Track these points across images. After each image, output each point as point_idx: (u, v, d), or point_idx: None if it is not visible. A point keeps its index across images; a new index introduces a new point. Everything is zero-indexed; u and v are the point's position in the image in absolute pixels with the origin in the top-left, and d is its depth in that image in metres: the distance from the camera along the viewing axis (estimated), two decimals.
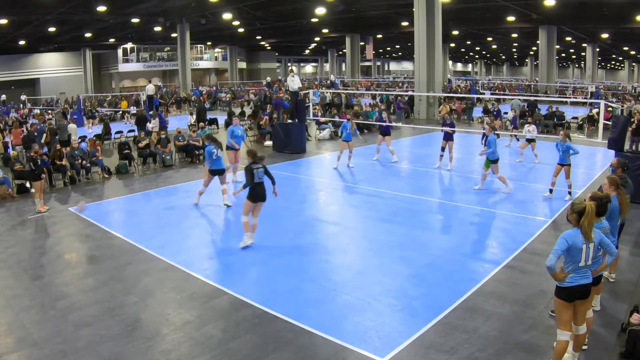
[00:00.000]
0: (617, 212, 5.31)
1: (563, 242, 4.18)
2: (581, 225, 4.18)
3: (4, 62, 39.89)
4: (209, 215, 9.68)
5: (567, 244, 4.17)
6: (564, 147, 9.83)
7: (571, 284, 4.25)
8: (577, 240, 4.17)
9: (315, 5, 29.23)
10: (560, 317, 4.38)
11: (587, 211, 4.16)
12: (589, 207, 4.18)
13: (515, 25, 33.59)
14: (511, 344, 4.97)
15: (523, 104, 22.55)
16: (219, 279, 6.59)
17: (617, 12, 27.48)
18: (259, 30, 41.97)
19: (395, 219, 9.15)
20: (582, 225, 4.17)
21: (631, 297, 5.85)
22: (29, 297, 6.23)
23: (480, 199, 10.33)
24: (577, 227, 4.22)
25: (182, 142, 15.07)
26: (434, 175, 12.74)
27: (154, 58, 49.75)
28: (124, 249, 7.82)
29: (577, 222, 4.21)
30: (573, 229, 4.25)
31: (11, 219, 9.78)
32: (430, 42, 23.46)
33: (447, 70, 52.12)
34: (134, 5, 28.24)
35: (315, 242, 8.04)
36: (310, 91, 20.85)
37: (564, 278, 4.25)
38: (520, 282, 6.41)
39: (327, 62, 64.25)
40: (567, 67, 76.50)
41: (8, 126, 19.40)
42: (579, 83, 41.84)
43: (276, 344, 5.04)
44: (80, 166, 12.81)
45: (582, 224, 4.17)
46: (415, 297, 6.00)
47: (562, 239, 4.21)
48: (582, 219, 4.16)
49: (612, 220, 5.23)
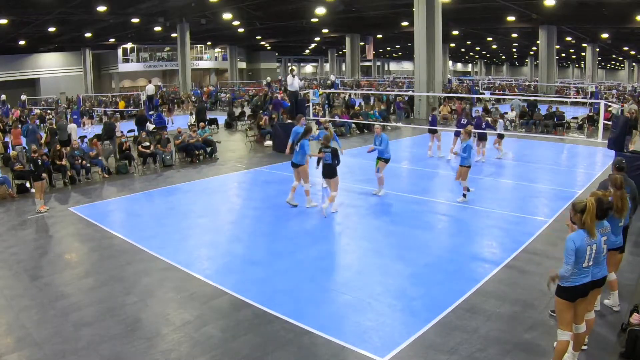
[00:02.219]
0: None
1: (572, 246, 4.17)
2: (584, 221, 4.20)
3: (4, 62, 39.85)
4: (209, 215, 9.68)
5: (575, 246, 4.17)
6: (463, 146, 9.80)
7: (573, 284, 4.26)
8: (584, 241, 4.20)
9: (315, 5, 29.20)
10: (562, 317, 4.37)
11: (588, 207, 4.19)
12: (590, 203, 4.21)
13: (515, 25, 33.57)
14: (511, 344, 4.97)
15: (523, 104, 22.55)
16: (219, 279, 6.59)
17: (617, 12, 27.45)
18: (259, 30, 41.95)
19: (396, 218, 9.16)
20: (584, 221, 4.19)
21: (631, 297, 5.84)
22: (29, 297, 6.24)
23: (480, 199, 10.32)
24: (582, 227, 4.23)
25: (180, 140, 15.06)
26: (434, 175, 12.74)
27: (154, 58, 49.70)
28: (123, 249, 7.82)
29: (581, 222, 4.23)
30: (577, 231, 4.26)
31: (11, 219, 9.79)
32: (430, 42, 23.45)
33: (447, 70, 52.10)
34: (134, 5, 28.21)
35: (315, 242, 8.04)
36: (310, 91, 20.83)
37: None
38: (520, 282, 6.41)
39: (327, 62, 64.22)
40: (567, 67, 76.47)
41: (8, 126, 19.40)
42: (578, 83, 41.82)
43: (276, 344, 5.04)
44: (80, 166, 12.81)
45: (584, 220, 4.19)
46: (415, 297, 6.00)
47: (570, 242, 4.19)
48: (585, 215, 4.18)
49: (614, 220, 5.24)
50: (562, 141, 18.11)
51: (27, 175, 11.31)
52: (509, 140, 17.38)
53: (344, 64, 52.42)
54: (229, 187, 12.31)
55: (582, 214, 4.21)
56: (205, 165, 14.60)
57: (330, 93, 25.74)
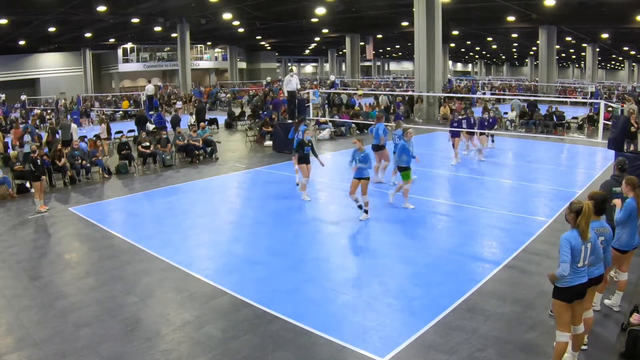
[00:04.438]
0: (636, 213, 5.35)
1: (566, 245, 4.19)
2: (578, 224, 4.21)
3: (4, 62, 39.87)
4: (209, 215, 9.68)
5: (571, 244, 4.19)
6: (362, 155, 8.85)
7: (570, 285, 4.26)
8: (577, 240, 4.21)
9: (315, 5, 29.21)
10: (560, 319, 4.38)
11: (584, 211, 4.20)
12: (587, 206, 4.22)
13: (515, 25, 33.56)
14: (511, 344, 4.97)
15: (523, 104, 22.55)
16: (219, 279, 6.59)
17: (617, 12, 27.45)
18: (259, 30, 41.95)
19: (396, 218, 9.15)
20: (579, 224, 4.21)
21: (631, 297, 5.84)
22: (29, 297, 6.24)
23: (480, 199, 10.32)
24: (575, 227, 4.25)
25: (182, 142, 15.08)
26: (434, 175, 12.73)
27: (154, 58, 49.70)
28: (123, 249, 7.82)
29: (575, 222, 4.24)
30: (571, 230, 4.28)
31: (11, 219, 9.79)
32: (430, 42, 23.43)
33: (447, 70, 52.08)
34: (134, 5, 28.22)
35: (315, 242, 8.04)
36: (310, 91, 20.82)
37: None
38: (520, 282, 6.41)
39: (327, 62, 64.23)
40: (567, 67, 76.46)
41: (8, 126, 19.40)
42: (578, 83, 41.82)
43: (276, 344, 5.04)
44: (80, 166, 12.81)
45: (579, 222, 4.21)
46: (415, 297, 6.00)
47: (565, 241, 4.21)
48: (580, 218, 4.20)
49: (633, 221, 5.29)
50: (562, 141, 18.10)
51: (27, 175, 11.31)
52: (509, 140, 17.40)
53: (344, 64, 52.42)
54: (229, 187, 12.31)
55: (577, 214, 4.22)
56: (205, 165, 14.60)
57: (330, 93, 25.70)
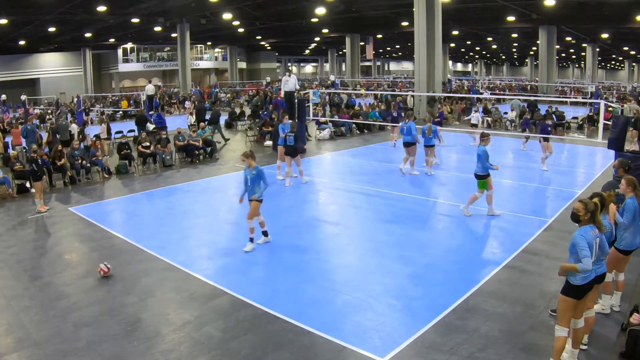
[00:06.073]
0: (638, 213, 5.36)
1: (582, 240, 4.28)
2: (596, 221, 4.38)
3: (4, 62, 39.87)
4: (209, 215, 9.68)
5: (586, 239, 4.30)
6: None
7: (585, 282, 4.33)
8: (590, 236, 4.32)
9: (315, 5, 29.22)
10: (564, 315, 4.42)
11: (598, 207, 4.42)
12: (598, 201, 4.48)
13: (515, 25, 33.57)
14: (511, 344, 4.96)
15: (523, 104, 22.55)
16: (219, 279, 6.59)
17: (617, 12, 27.47)
18: (259, 30, 41.96)
19: (396, 218, 9.15)
20: (597, 221, 4.38)
21: (631, 297, 5.84)
22: (29, 297, 6.24)
23: (480, 199, 10.29)
24: (588, 224, 4.37)
25: (182, 142, 15.07)
26: (434, 175, 12.72)
27: (154, 58, 49.70)
28: (123, 249, 7.82)
29: (590, 220, 4.38)
30: (584, 227, 4.38)
31: (11, 219, 9.78)
32: (430, 42, 23.44)
33: (447, 70, 52.07)
34: (134, 5, 28.23)
35: (315, 242, 8.04)
36: (310, 91, 20.82)
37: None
38: (520, 282, 6.41)
39: (327, 62, 64.19)
40: (567, 67, 76.43)
41: (8, 126, 19.40)
42: (578, 83, 41.82)
43: (276, 344, 5.04)
44: (80, 166, 12.81)
45: (597, 219, 4.39)
46: (415, 297, 6.00)
47: (580, 237, 4.30)
48: (596, 215, 4.39)
49: (636, 221, 5.31)
50: (562, 141, 18.09)
51: (27, 175, 11.30)
52: (509, 140, 17.38)
53: (344, 64, 52.43)
54: (229, 187, 12.30)
55: (593, 214, 4.38)
56: (205, 165, 14.60)
57: (331, 93, 25.72)
